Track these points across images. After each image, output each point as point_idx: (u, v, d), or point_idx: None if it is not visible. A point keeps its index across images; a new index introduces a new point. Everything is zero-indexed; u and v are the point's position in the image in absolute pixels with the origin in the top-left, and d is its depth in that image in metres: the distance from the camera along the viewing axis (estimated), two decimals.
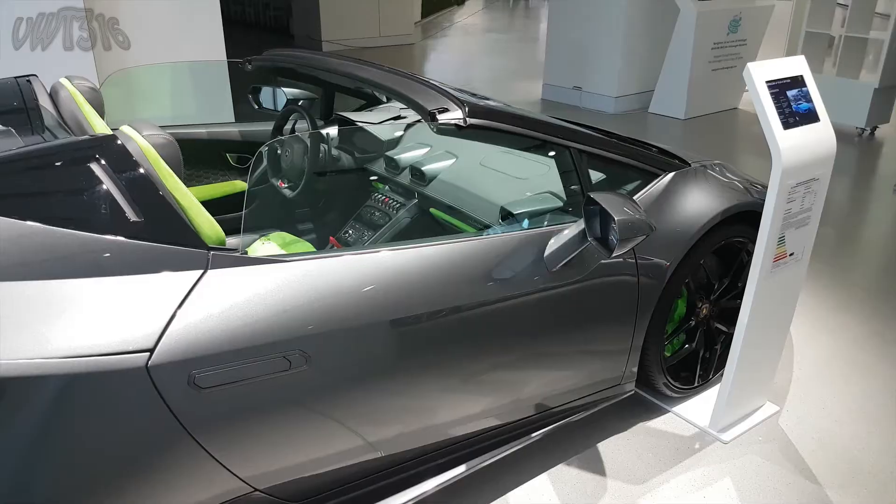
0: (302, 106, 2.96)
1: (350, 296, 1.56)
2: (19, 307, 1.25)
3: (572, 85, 7.21)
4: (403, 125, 2.91)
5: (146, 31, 4.25)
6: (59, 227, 1.33)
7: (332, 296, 1.53)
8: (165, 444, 1.36)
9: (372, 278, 1.61)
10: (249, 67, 2.73)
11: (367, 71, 2.22)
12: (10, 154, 1.46)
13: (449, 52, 11.38)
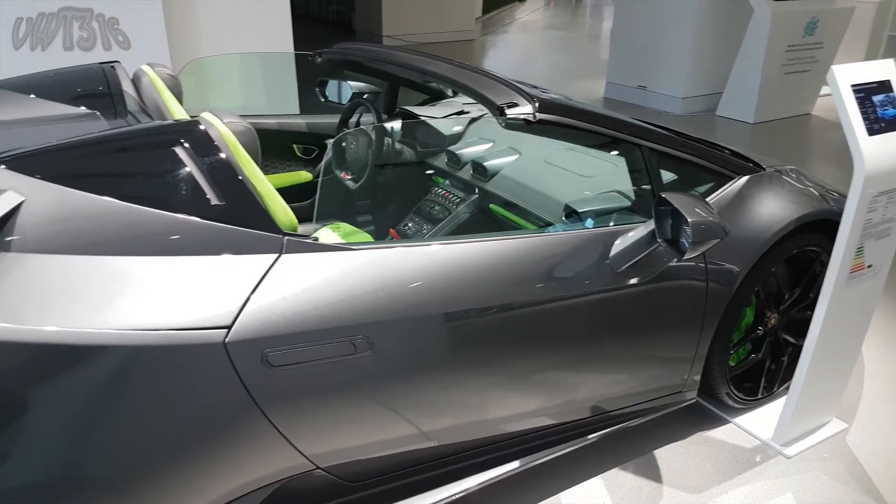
0: (367, 99, 3.00)
1: (413, 286, 1.58)
2: (109, 280, 1.30)
3: (637, 84, 7.09)
4: (467, 120, 2.92)
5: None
6: (146, 206, 1.38)
7: (396, 285, 1.56)
8: (237, 417, 1.41)
9: (435, 270, 1.62)
10: (319, 60, 2.78)
11: (436, 65, 2.23)
12: (99, 136, 1.53)
13: (509, 48, 11.35)
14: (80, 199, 1.35)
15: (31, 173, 1.35)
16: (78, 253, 1.31)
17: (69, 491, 1.29)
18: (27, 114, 2.05)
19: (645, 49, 6.94)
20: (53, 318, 1.23)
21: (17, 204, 1.29)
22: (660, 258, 1.85)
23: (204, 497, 1.44)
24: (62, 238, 1.32)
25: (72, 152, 1.46)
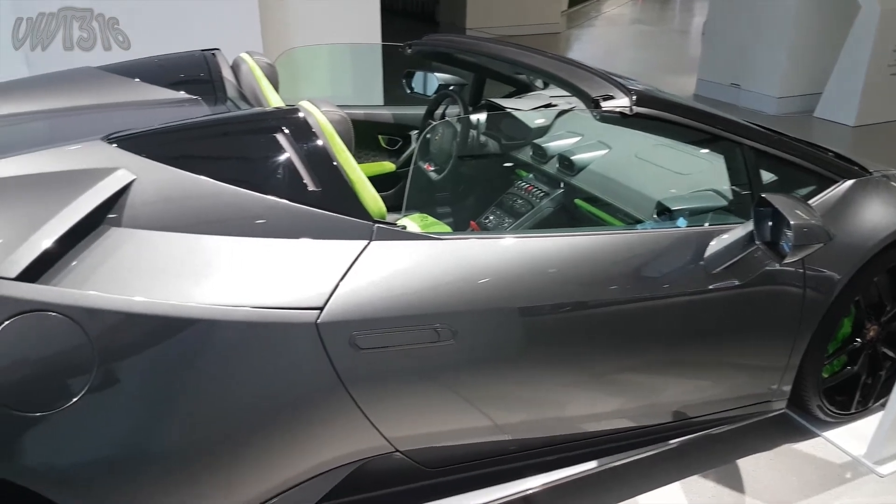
0: (453, 91, 3.01)
1: (498, 278, 1.58)
2: (211, 258, 1.37)
3: (730, 82, 6.82)
4: (554, 113, 2.88)
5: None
6: (247, 189, 1.43)
7: (481, 277, 1.56)
8: (324, 396, 1.45)
9: (520, 264, 1.62)
10: (409, 51, 2.80)
11: (529, 56, 2.21)
12: (204, 120, 1.60)
13: (595, 42, 11.14)
14: (187, 180, 1.41)
15: (141, 153, 1.42)
16: (183, 231, 1.37)
17: (163, 457, 1.35)
18: (135, 97, 2.16)
19: (739, 46, 6.67)
20: (159, 291, 1.29)
21: (129, 182, 1.37)
22: (757, 261, 1.78)
23: (288, 472, 1.49)
24: (168, 216, 1.38)
25: (179, 135, 1.53)
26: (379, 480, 1.66)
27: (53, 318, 1.21)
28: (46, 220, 1.27)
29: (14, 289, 1.19)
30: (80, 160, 1.38)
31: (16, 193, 1.33)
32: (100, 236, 1.31)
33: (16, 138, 1.84)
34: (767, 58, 6.46)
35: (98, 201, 1.32)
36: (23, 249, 1.23)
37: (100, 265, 1.28)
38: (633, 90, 1.83)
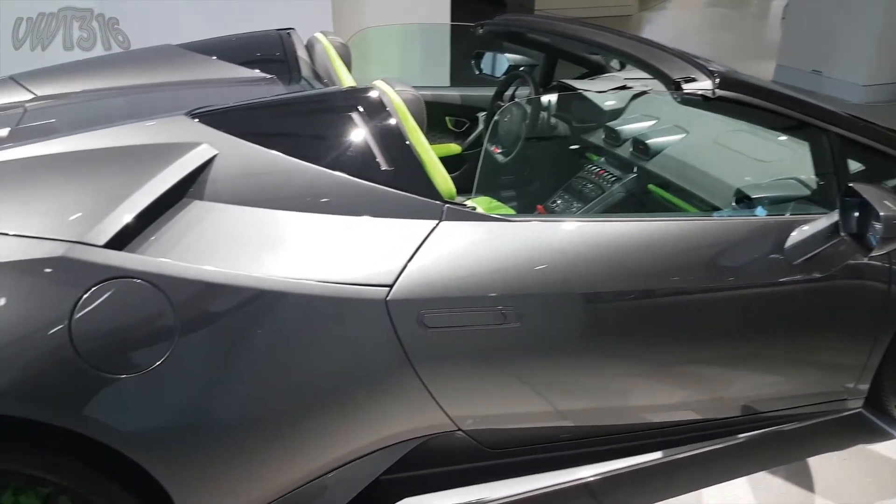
0: (524, 72, 2.97)
1: (567, 263, 1.57)
2: (286, 233, 1.40)
3: (811, 68, 6.51)
4: (629, 96, 2.81)
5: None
6: (322, 167, 1.46)
7: (550, 260, 1.55)
8: (390, 372, 1.47)
9: (591, 248, 1.60)
10: (481, 31, 2.78)
11: (605, 36, 2.16)
12: (283, 98, 1.63)
13: (668, 25, 10.79)
14: (265, 156, 1.45)
15: (223, 129, 1.46)
16: (261, 206, 1.41)
17: (234, 423, 1.39)
18: (213, 75, 2.22)
19: (823, 30, 6.35)
20: (238, 263, 1.33)
21: (211, 157, 1.41)
22: (840, 254, 1.71)
23: (352, 444, 1.52)
24: (247, 191, 1.42)
25: (259, 111, 1.57)
26: (440, 458, 1.68)
27: (139, 285, 1.26)
28: (133, 191, 1.32)
29: (102, 256, 1.25)
30: (165, 134, 1.43)
31: (105, 165, 1.39)
32: (182, 208, 1.36)
33: (102, 112, 1.93)
34: (853, 43, 6.12)
35: (182, 175, 1.37)
36: (111, 218, 1.28)
37: (182, 236, 1.33)
38: (715, 72, 1.77)
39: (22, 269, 1.21)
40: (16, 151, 1.40)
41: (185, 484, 1.36)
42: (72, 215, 1.28)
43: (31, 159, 1.38)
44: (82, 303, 1.22)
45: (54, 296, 1.22)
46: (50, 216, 1.28)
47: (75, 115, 1.89)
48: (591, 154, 2.74)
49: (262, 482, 1.46)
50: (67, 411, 1.23)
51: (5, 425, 1.22)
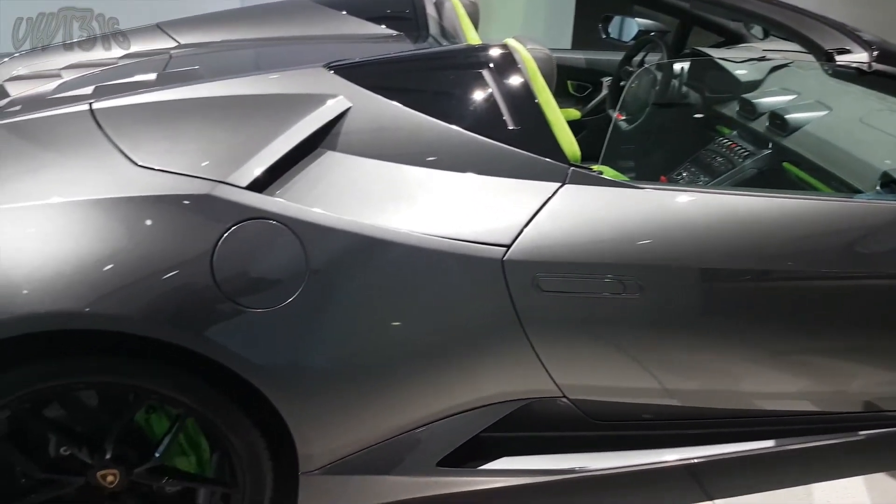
0: (655, 37, 2.85)
1: (695, 236, 1.51)
2: (412, 188, 1.43)
3: None
4: (768, 67, 2.64)
5: None
6: (450, 124, 1.47)
7: (677, 232, 1.51)
8: (500, 332, 1.48)
9: (721, 222, 1.54)
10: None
11: (750, 3, 2.03)
12: (416, 53, 1.65)
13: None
14: (396, 111, 1.48)
15: (358, 82, 1.49)
16: (389, 160, 1.45)
17: (350, 365, 1.46)
18: (344, 30, 2.28)
19: None
20: (365, 214, 1.38)
21: (346, 109, 1.45)
22: None
23: (454, 399, 1.55)
24: (377, 145, 1.46)
25: (392, 66, 1.60)
26: (541, 423, 1.68)
27: (275, 227, 1.33)
28: (273, 138, 1.39)
29: (244, 197, 1.33)
30: (304, 85, 1.49)
31: (248, 111, 1.46)
32: (316, 158, 1.42)
33: (242, 62, 2.03)
34: None
35: (318, 125, 1.42)
36: (252, 162, 1.36)
37: (314, 184, 1.39)
38: (873, 44, 1.63)
39: (172, 202, 1.31)
40: (165, 94, 1.50)
41: (302, 417, 1.45)
42: (218, 157, 1.37)
43: (180, 102, 1.48)
44: (224, 239, 1.30)
45: (200, 230, 1.31)
46: (198, 156, 1.37)
47: (217, 63, 1.99)
48: (722, 127, 2.60)
49: (370, 425, 1.52)
50: (204, 338, 1.33)
51: (148, 346, 1.34)
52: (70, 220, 1.28)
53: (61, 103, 1.63)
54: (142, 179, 1.32)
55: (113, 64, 2.13)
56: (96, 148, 1.37)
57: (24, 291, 1.24)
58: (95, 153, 1.36)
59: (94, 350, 1.35)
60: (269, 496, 1.58)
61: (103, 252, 1.27)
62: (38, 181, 1.34)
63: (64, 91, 1.85)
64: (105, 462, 1.49)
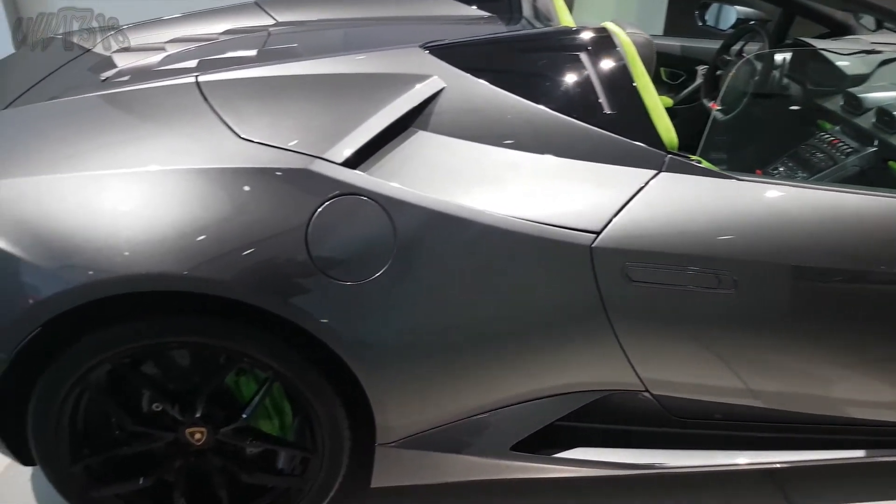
0: (755, 26, 2.73)
1: (796, 232, 1.45)
2: (501, 170, 1.43)
3: None
4: (878, 61, 2.49)
5: None
6: (544, 107, 1.45)
7: (778, 227, 1.45)
8: (584, 320, 1.47)
9: (825, 219, 1.47)
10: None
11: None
12: (511, 35, 1.64)
13: None
14: (490, 93, 1.47)
15: (453, 63, 1.50)
16: (480, 141, 1.45)
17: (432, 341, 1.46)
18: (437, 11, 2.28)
19: None
20: (455, 194, 1.38)
21: (440, 89, 1.46)
22: None
23: (533, 385, 1.55)
24: (469, 125, 1.46)
25: (488, 48, 1.59)
26: (619, 416, 1.66)
27: (367, 203, 1.35)
28: (369, 116, 1.41)
29: (339, 172, 1.36)
30: (400, 65, 1.50)
31: (345, 89, 1.49)
32: (408, 137, 1.43)
33: (338, 41, 2.06)
34: None
35: (412, 105, 1.43)
36: (348, 139, 1.38)
37: (405, 163, 1.41)
38: None
39: (272, 175, 1.35)
40: (268, 70, 1.54)
41: (383, 389, 1.48)
42: (316, 133, 1.40)
43: (282, 78, 1.52)
44: (319, 212, 1.33)
45: (296, 203, 1.34)
46: (297, 131, 1.40)
47: (314, 42, 2.04)
48: (824, 121, 2.47)
49: (448, 403, 1.54)
50: (294, 307, 1.37)
51: (243, 311, 1.39)
52: (174, 188, 1.34)
53: (167, 75, 1.70)
54: (244, 152, 1.36)
55: (214, 39, 2.20)
56: (202, 119, 1.42)
57: (125, 253, 1.30)
58: (201, 124, 1.42)
59: (192, 312, 1.41)
60: (346, 464, 1.62)
61: (205, 219, 1.32)
62: (144, 149, 1.40)
63: (169, 64, 1.93)
64: (195, 420, 1.56)
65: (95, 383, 1.48)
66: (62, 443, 1.53)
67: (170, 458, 1.63)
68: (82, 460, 1.57)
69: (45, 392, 1.46)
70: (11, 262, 1.32)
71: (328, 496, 1.66)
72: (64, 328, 1.38)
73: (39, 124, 1.52)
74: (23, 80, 1.84)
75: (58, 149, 1.43)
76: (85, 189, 1.35)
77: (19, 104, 1.63)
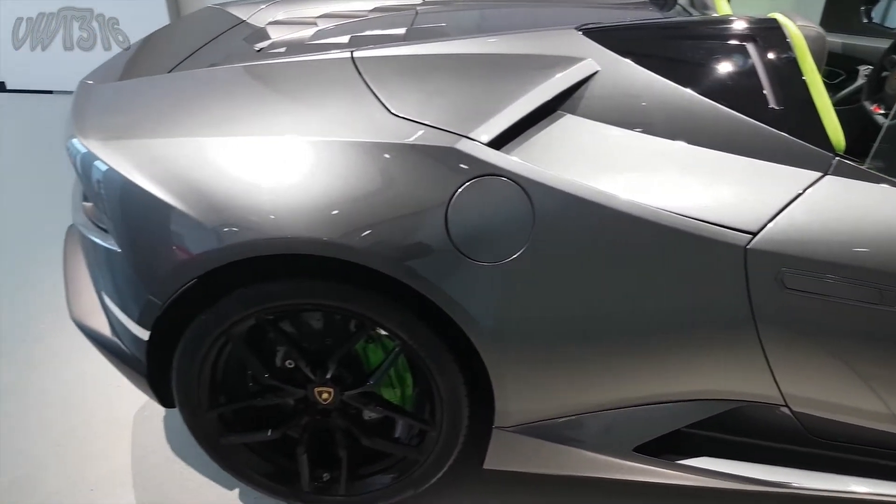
0: None
1: None
2: (653, 160, 1.38)
3: None
4: None
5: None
6: (704, 97, 1.39)
7: None
8: (728, 325, 1.39)
9: None
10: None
11: None
12: (673, 21, 1.57)
13: None
14: (648, 79, 1.42)
15: (609, 47, 1.45)
16: (633, 128, 1.40)
17: (567, 329, 1.43)
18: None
19: None
20: (599, 180, 1.35)
21: (593, 73, 1.42)
22: None
23: (666, 387, 1.49)
24: (621, 111, 1.41)
25: (648, 33, 1.54)
26: (752, 429, 1.57)
27: (508, 184, 1.34)
28: (518, 97, 1.40)
29: (484, 153, 1.35)
30: (554, 46, 1.48)
31: (497, 69, 1.48)
32: (556, 120, 1.41)
33: (487, 22, 2.06)
34: None
35: (563, 87, 1.41)
36: (496, 119, 1.37)
37: (550, 146, 1.38)
38: None
39: (419, 152, 1.36)
40: (420, 48, 1.55)
41: (506, 372, 1.48)
42: (464, 112, 1.40)
43: (434, 57, 1.53)
44: (462, 191, 1.34)
45: (441, 180, 1.35)
46: (446, 110, 1.41)
47: (462, 22, 2.04)
48: None
49: (573, 395, 1.51)
50: (429, 282, 1.39)
51: (380, 281, 1.42)
52: (327, 158, 1.38)
53: (321, 49, 1.76)
54: (395, 127, 1.39)
55: (363, 16, 2.25)
56: (356, 94, 1.46)
57: (279, 216, 1.36)
58: (355, 98, 1.45)
59: (334, 278, 1.46)
60: (462, 441, 1.64)
61: (354, 190, 1.36)
62: (300, 118, 1.46)
63: (321, 38, 2.00)
64: (324, 380, 1.62)
65: (238, 336, 1.57)
66: (202, 390, 1.63)
67: (297, 415, 1.70)
68: (218, 408, 1.67)
69: (192, 341, 1.56)
70: (175, 215, 1.41)
71: (441, 470, 1.69)
72: (216, 282, 1.47)
73: (201, 88, 1.61)
74: (183, 46, 1.97)
75: (218, 112, 1.51)
76: (243, 152, 1.42)
77: (181, 69, 1.74)
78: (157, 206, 1.42)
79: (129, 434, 2.13)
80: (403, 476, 1.71)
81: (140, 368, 1.63)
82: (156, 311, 1.50)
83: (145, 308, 1.51)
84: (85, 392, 2.31)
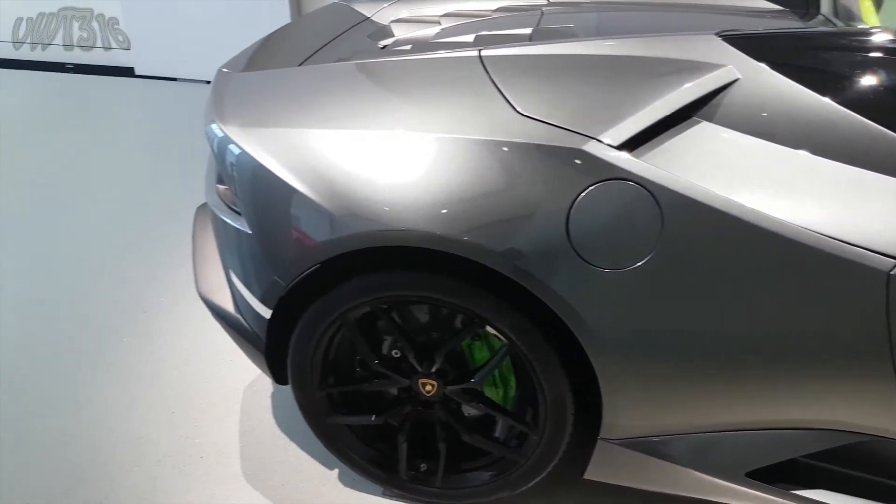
0: None
1: None
2: (795, 174, 1.30)
3: None
4: None
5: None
6: (854, 112, 1.31)
7: None
8: (860, 353, 1.31)
9: None
10: None
11: None
12: (819, 31, 1.49)
13: None
14: (791, 89, 1.35)
15: (752, 55, 1.39)
16: (772, 139, 1.33)
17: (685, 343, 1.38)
18: (723, 1, 2.15)
19: None
20: (735, 192, 1.29)
21: (733, 80, 1.37)
22: None
23: (787, 414, 1.41)
24: (762, 122, 1.35)
25: (791, 42, 1.47)
26: (877, 466, 1.47)
27: (637, 190, 1.31)
28: (653, 100, 1.36)
29: (614, 156, 1.33)
30: (693, 51, 1.43)
31: (631, 71, 1.45)
32: (690, 126, 1.36)
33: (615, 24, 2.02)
34: None
35: (700, 93, 1.36)
36: (628, 123, 1.34)
37: (685, 153, 1.34)
38: None
39: (545, 152, 1.36)
40: (549, 48, 1.54)
41: (617, 384, 1.44)
42: (594, 114, 1.38)
43: (563, 57, 1.51)
44: (586, 194, 1.32)
45: (564, 182, 1.34)
46: (575, 111, 1.40)
47: (590, 23, 2.02)
48: None
49: (687, 413, 1.46)
50: (544, 285, 1.38)
51: (494, 280, 1.42)
52: (453, 155, 1.40)
53: (447, 47, 1.78)
54: (522, 127, 1.39)
55: (488, 16, 2.27)
56: (483, 92, 1.47)
57: (401, 209, 1.39)
58: (482, 97, 1.46)
59: (450, 274, 1.48)
60: (564, 449, 1.62)
61: (477, 188, 1.37)
62: (427, 115, 1.48)
63: (445, 37, 2.02)
64: (430, 372, 1.65)
65: (352, 322, 1.61)
66: (314, 370, 1.70)
67: (400, 403, 1.74)
68: (327, 388, 1.73)
69: (310, 322, 1.62)
70: (303, 202, 1.47)
71: (540, 475, 1.67)
72: (338, 269, 1.52)
73: (331, 82, 1.67)
74: (312, 41, 2.04)
75: (347, 106, 1.56)
76: (371, 146, 1.46)
77: (311, 63, 1.81)
78: (287, 193, 1.49)
79: (238, 408, 2.23)
80: (501, 476, 1.72)
81: (259, 345, 1.71)
82: (280, 291, 1.57)
83: (270, 288, 1.58)
84: (201, 365, 2.45)
